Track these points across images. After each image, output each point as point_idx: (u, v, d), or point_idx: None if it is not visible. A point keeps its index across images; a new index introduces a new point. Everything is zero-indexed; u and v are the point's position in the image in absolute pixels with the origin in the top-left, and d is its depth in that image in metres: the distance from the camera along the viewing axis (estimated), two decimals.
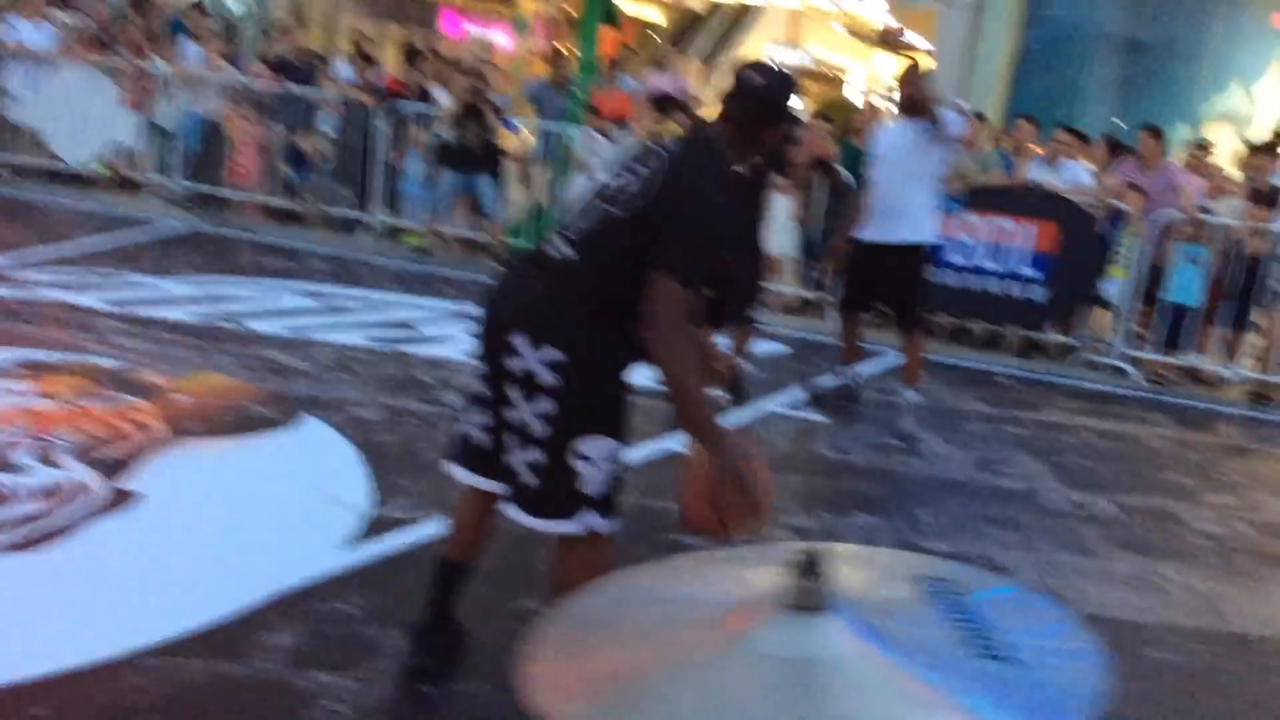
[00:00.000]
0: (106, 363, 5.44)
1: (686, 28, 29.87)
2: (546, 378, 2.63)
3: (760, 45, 31.76)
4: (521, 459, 2.70)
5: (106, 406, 4.86)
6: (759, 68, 2.96)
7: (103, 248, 8.10)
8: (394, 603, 3.37)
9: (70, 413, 4.72)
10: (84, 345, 5.67)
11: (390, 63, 11.58)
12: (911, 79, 5.63)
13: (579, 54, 9.79)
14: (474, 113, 9.17)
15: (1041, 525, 4.95)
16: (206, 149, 9.94)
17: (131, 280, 7.18)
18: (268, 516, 4.01)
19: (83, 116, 10.00)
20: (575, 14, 10.10)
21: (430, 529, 3.92)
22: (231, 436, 4.79)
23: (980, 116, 8.73)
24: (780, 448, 5.58)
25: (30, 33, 10.20)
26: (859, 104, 31.18)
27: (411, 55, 10.53)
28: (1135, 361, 8.17)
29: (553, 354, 2.62)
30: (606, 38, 10.80)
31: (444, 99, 9.63)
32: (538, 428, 2.66)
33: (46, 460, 4.18)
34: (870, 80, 41.35)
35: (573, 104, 9.59)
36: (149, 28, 10.70)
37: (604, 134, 9.17)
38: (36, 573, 3.39)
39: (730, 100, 2.87)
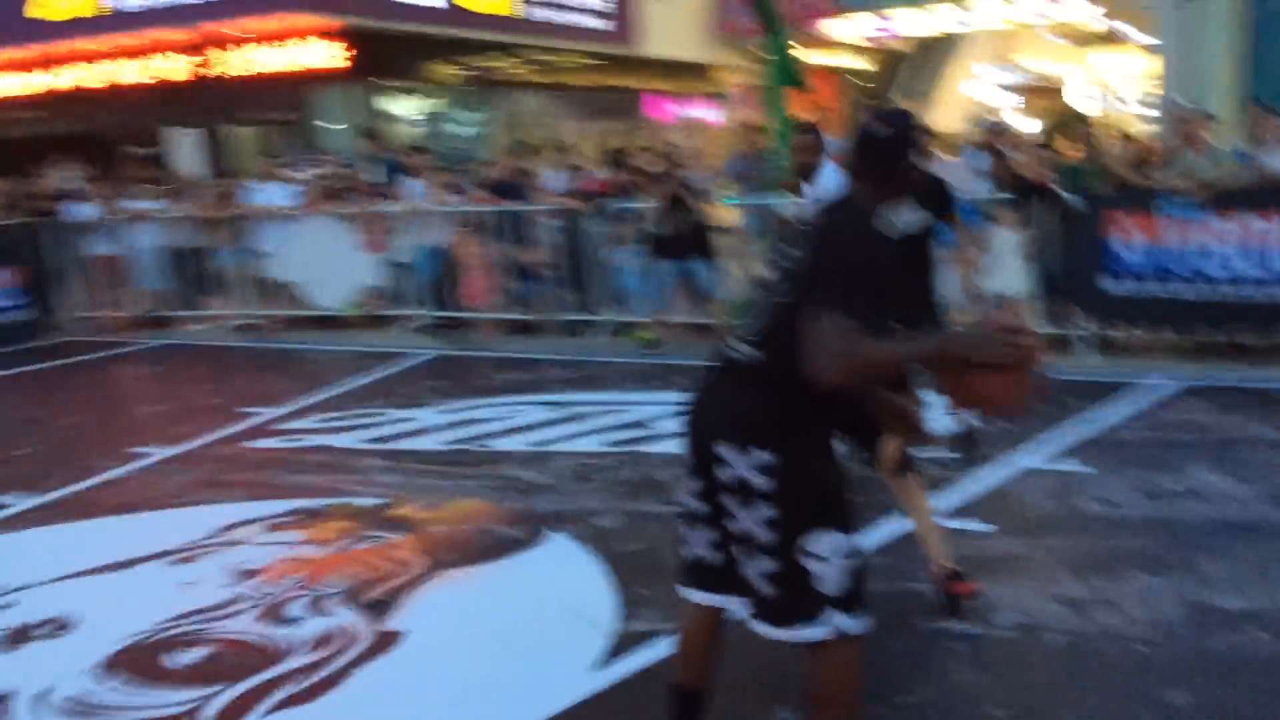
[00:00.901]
0: (367, 502, 5.75)
1: (891, 68, 29.48)
2: (759, 482, 2.62)
3: (969, 69, 30.94)
4: (754, 570, 2.68)
5: (369, 547, 5.12)
6: (881, 116, 2.92)
7: (361, 387, 8.63)
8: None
9: (336, 558, 4.99)
10: (346, 487, 6.01)
11: (596, 162, 11.90)
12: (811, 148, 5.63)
13: (771, 122, 9.77)
14: (677, 201, 9.29)
15: None
16: (440, 276, 10.48)
17: (389, 416, 7.59)
18: (520, 644, 4.08)
19: (329, 264, 10.77)
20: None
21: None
22: (482, 563, 4.93)
23: (1208, 115, 8.11)
24: (1039, 507, 5.26)
25: (273, 193, 11.12)
26: (1083, 109, 29.75)
27: (616, 157, 10.81)
28: None
29: (760, 456, 2.62)
30: (805, 97, 10.78)
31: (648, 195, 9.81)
32: (763, 535, 2.64)
33: (317, 609, 4.42)
34: (1093, 82, 39.47)
35: (775, 174, 9.56)
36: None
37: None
38: None
39: (858, 155, 2.86)
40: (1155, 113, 13.84)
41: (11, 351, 10.49)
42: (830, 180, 5.53)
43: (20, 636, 4.27)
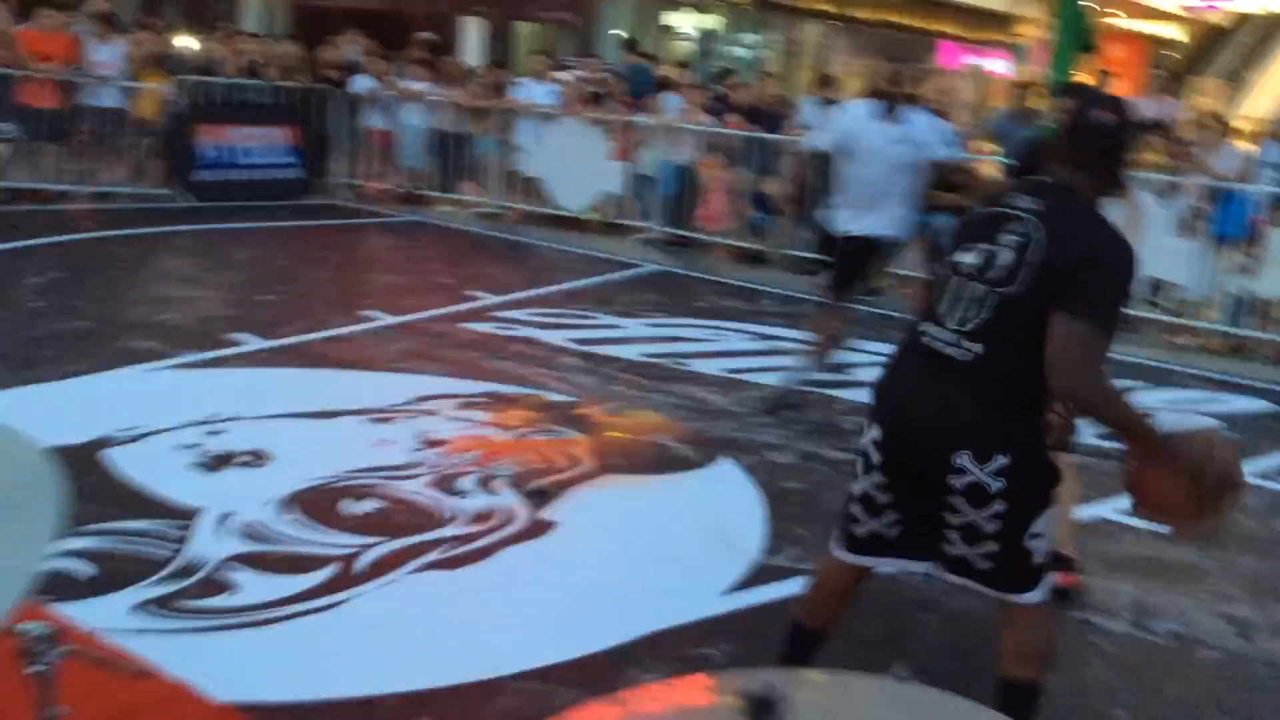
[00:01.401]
0: (557, 398, 5.98)
1: (1208, 44, 27.25)
2: (996, 485, 2.57)
3: None
4: (972, 553, 2.66)
5: (548, 439, 5.34)
6: (1101, 102, 2.75)
7: (581, 289, 8.90)
8: (760, 654, 3.40)
9: (515, 443, 5.24)
10: (543, 380, 6.27)
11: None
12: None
13: (1051, 81, 9.25)
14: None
15: None
16: (681, 195, 10.59)
17: (600, 320, 7.81)
18: (663, 556, 4.20)
19: (577, 166, 11.07)
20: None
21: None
22: (650, 474, 5.07)
23: None
24: (1235, 521, 4.92)
25: (537, 92, 11.47)
26: None
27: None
28: None
29: (999, 461, 2.56)
30: (1097, 61, 10.15)
31: None
32: (990, 527, 2.61)
33: (485, 486, 4.67)
34: None
35: (1039, 136, 9.11)
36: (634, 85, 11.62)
37: None
38: (448, 591, 3.80)
39: (1080, 143, 2.66)
40: None
41: (279, 206, 11.34)
42: None
43: (221, 461, 4.71)
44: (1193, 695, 3.52)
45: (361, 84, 12.04)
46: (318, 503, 4.35)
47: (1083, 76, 9.83)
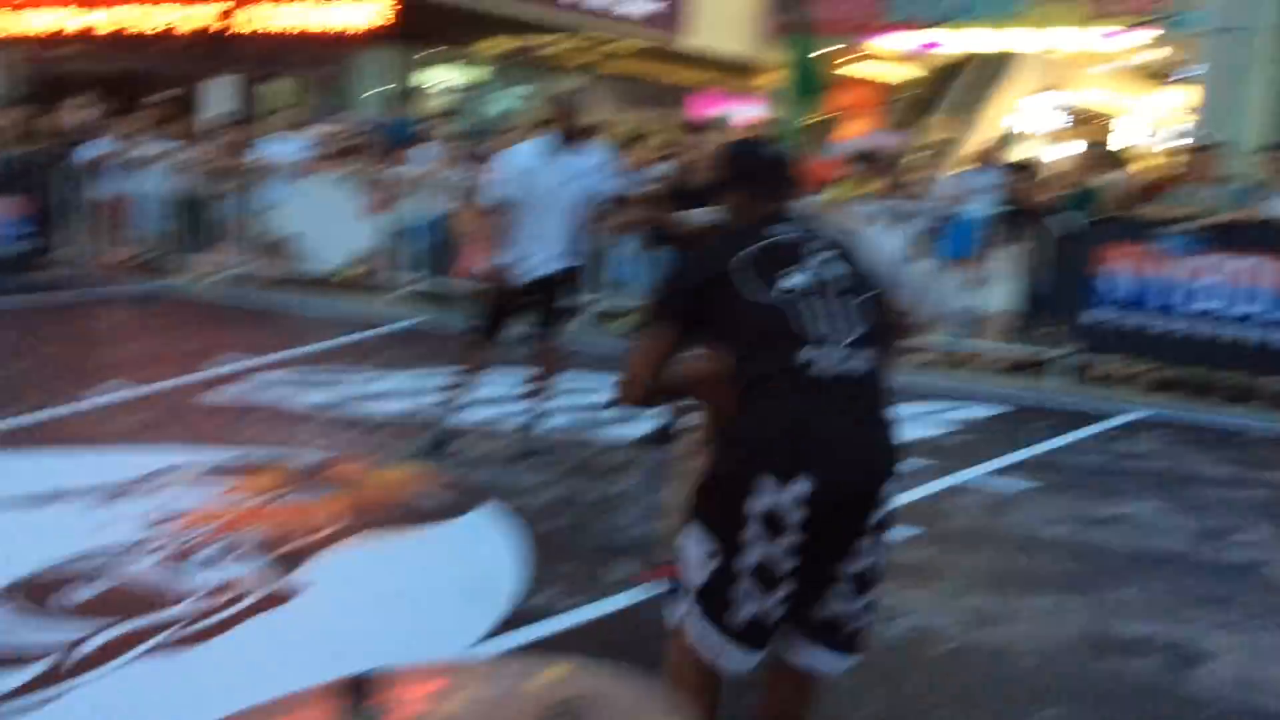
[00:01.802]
0: (308, 458, 5.77)
1: (940, 83, 29.24)
2: (894, 506, 2.46)
3: (1020, 94, 30.65)
4: (855, 606, 2.47)
5: (296, 502, 5.14)
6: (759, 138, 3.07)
7: (337, 348, 8.66)
8: None
9: (260, 510, 5.02)
10: (293, 443, 6.04)
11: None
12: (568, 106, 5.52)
13: (783, 121, 9.73)
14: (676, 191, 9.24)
15: (1260, 603, 4.36)
16: (441, 247, 10.49)
17: (356, 378, 7.62)
18: (417, 611, 4.10)
19: (331, 223, 10.81)
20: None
21: (572, 619, 3.91)
22: (406, 527, 4.94)
23: (1217, 148, 7.95)
24: (969, 519, 5.22)
25: (284, 148, 11.17)
26: (1131, 144, 29.50)
27: (630, 142, 10.76)
28: None
29: (899, 478, 2.46)
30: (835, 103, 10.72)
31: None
32: (882, 562, 2.47)
33: (223, 558, 4.45)
34: (1150, 119, 39.07)
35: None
36: (387, 138, 11.49)
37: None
38: (180, 673, 3.58)
39: (777, 173, 2.84)
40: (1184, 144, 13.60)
41: (8, 283, 10.60)
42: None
43: None
44: (931, 688, 3.67)
45: (96, 148, 11.44)
46: (32, 594, 4.03)
47: (815, 118, 10.38)
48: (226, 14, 16.62)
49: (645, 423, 6.17)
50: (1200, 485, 5.90)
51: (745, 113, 23.21)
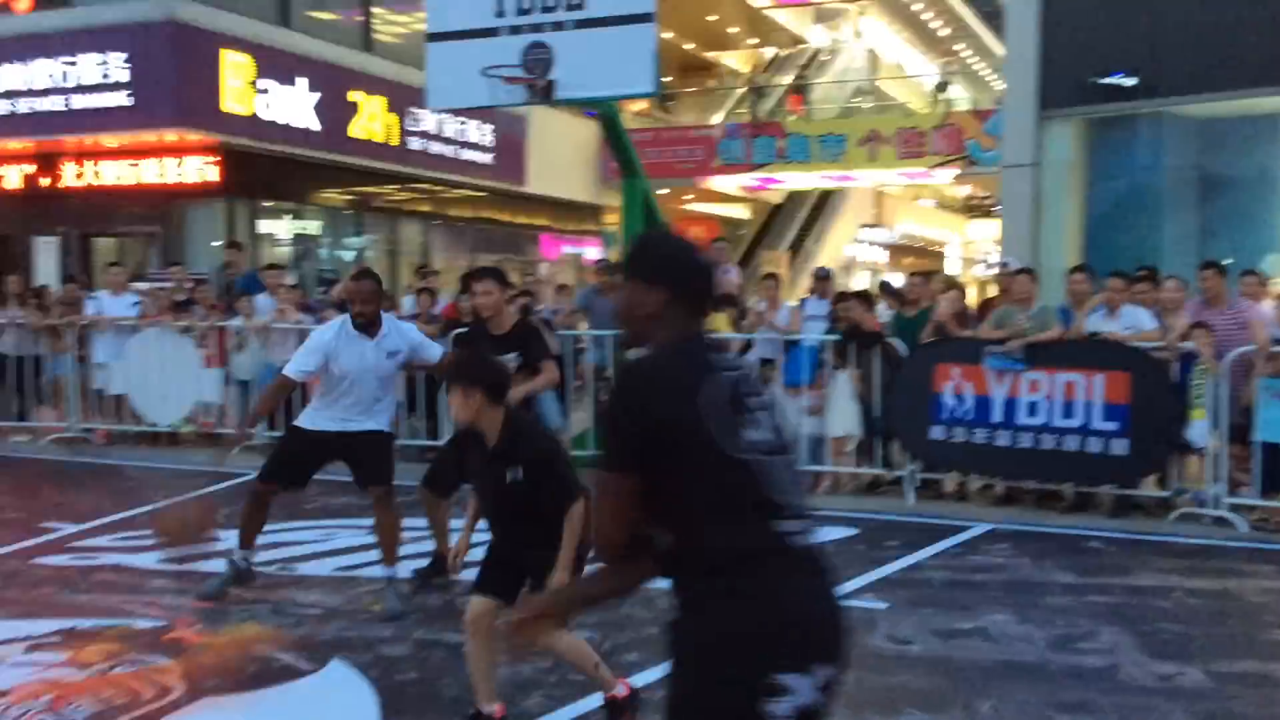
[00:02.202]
0: (144, 624, 5.45)
1: (770, 219, 30.52)
2: None
3: (850, 228, 32.22)
4: None
5: (134, 670, 4.83)
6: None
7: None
8: None
9: (93, 681, 4.69)
10: (129, 608, 5.71)
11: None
12: (369, 297, 5.78)
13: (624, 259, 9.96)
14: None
15: (1121, 705, 4.47)
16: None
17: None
18: None
19: (166, 378, 10.46)
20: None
21: None
22: (252, 690, 4.69)
23: (1031, 273, 8.48)
24: None
25: (112, 304, 10.83)
26: (954, 272, 31.18)
27: (466, 282, 10.83)
28: (1236, 509, 7.57)
29: None
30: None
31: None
32: None
33: None
34: (966, 247, 41.56)
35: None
36: (225, 288, 11.27)
37: None
38: None
39: (704, 286, 2.45)
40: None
41: None
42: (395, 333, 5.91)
43: None
44: None
45: None
46: None
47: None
48: (51, 170, 16.20)
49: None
50: (1049, 593, 6.08)
51: (591, 251, 23.80)
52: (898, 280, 12.85)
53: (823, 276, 10.03)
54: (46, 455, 10.47)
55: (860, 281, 27.48)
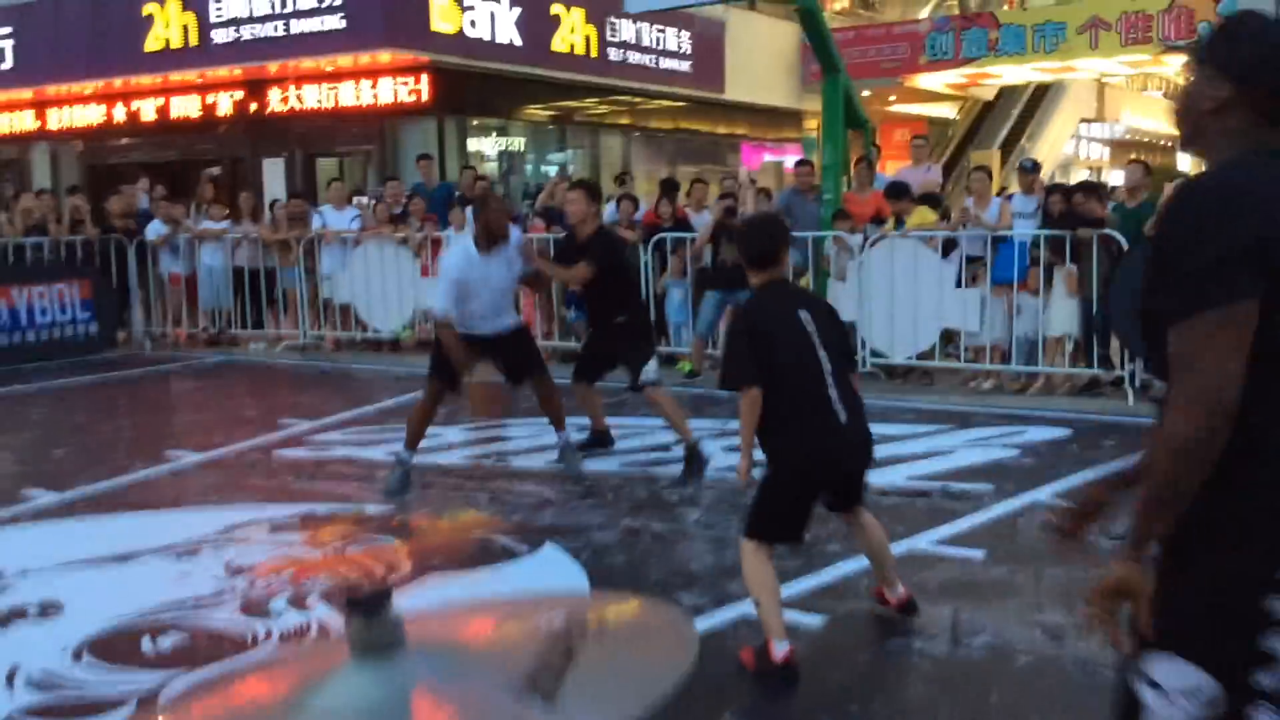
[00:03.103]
0: (375, 510, 5.83)
1: (980, 119, 29.26)
2: None
3: (1069, 124, 30.55)
4: None
5: (365, 550, 5.19)
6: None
7: (400, 406, 8.74)
8: None
9: (330, 559, 5.07)
10: (360, 496, 6.12)
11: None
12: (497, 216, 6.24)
13: (824, 159, 9.79)
14: (729, 231, 9.27)
15: None
16: None
17: None
18: None
19: (387, 287, 11.00)
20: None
21: None
22: (470, 569, 4.96)
23: None
24: (1034, 541, 5.12)
25: (337, 218, 11.41)
26: (1185, 169, 29.33)
27: (667, 189, 10.87)
28: None
29: None
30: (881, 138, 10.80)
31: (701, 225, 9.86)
32: None
33: (296, 604, 4.49)
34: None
35: (822, 210, 9.56)
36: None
37: (856, 235, 9.05)
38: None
39: None
40: None
41: (76, 363, 10.89)
42: None
43: (10, 617, 4.41)
44: (1010, 701, 3.60)
45: (154, 229, 11.76)
46: (115, 645, 4.10)
47: (859, 156, 10.40)
48: (271, 95, 17.08)
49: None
50: None
51: (791, 160, 23.49)
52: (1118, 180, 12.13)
53: (1028, 169, 9.48)
54: (282, 360, 11.22)
55: (1081, 176, 26.08)
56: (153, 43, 16.53)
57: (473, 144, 18.48)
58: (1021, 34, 21.20)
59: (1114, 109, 33.06)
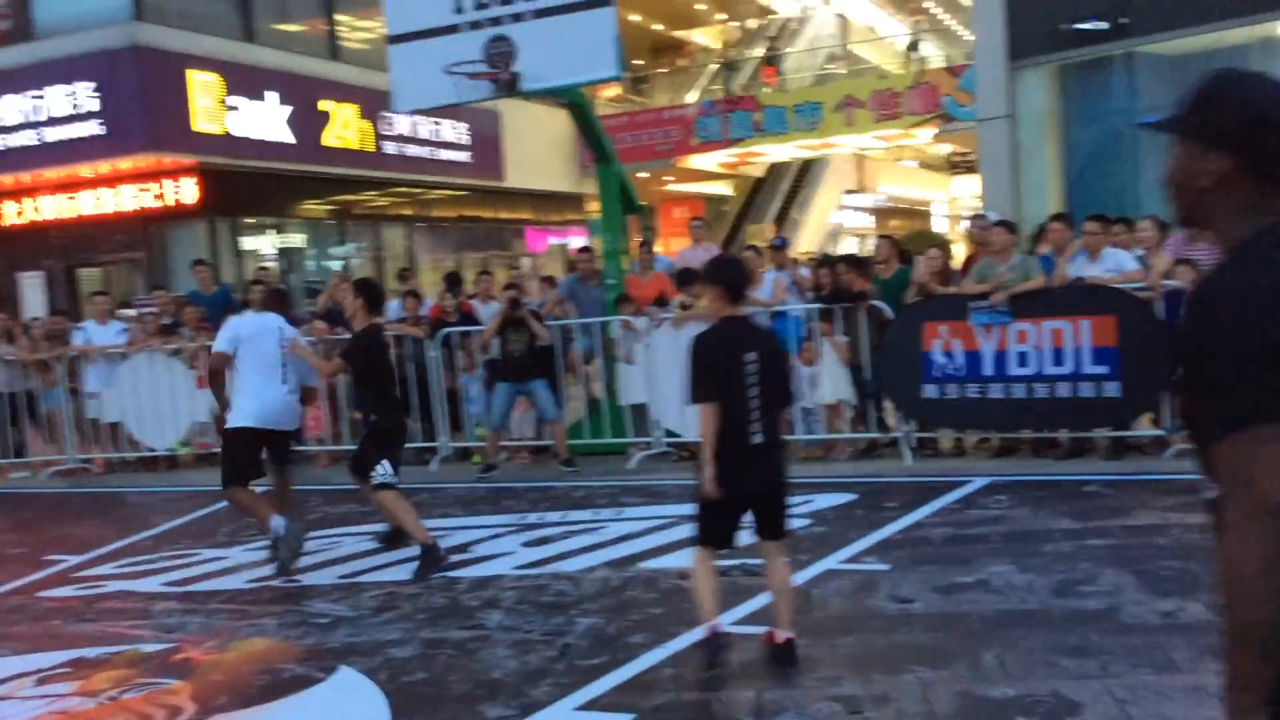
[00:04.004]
0: (154, 647, 5.47)
1: (753, 193, 30.49)
2: None
3: (834, 195, 32.15)
4: None
5: (144, 694, 4.85)
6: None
7: (179, 527, 8.32)
8: None
9: (105, 708, 4.71)
10: (136, 634, 5.73)
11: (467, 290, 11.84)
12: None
13: (604, 245, 9.97)
14: (515, 323, 9.27)
15: (1124, 645, 4.50)
16: None
17: (201, 556, 7.30)
18: None
19: (159, 401, 10.48)
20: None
21: None
22: (262, 704, 4.70)
23: (1009, 225, 8.48)
24: (831, 607, 5.26)
25: (100, 333, 10.83)
26: (942, 230, 31.11)
27: (452, 283, 10.83)
28: None
29: None
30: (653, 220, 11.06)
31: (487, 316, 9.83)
32: None
33: None
34: (951, 204, 41.51)
35: (605, 295, 9.71)
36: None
37: (641, 318, 9.21)
38: None
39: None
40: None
41: None
42: None
43: None
44: None
45: None
46: None
47: (637, 238, 10.65)
48: (29, 205, 16.18)
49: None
50: (1049, 541, 6.10)
51: (577, 240, 23.82)
52: (878, 243, 12.80)
53: (778, 246, 10.09)
54: (47, 488, 10.49)
55: (848, 247, 27.47)
56: None
57: (248, 243, 17.95)
58: (782, 114, 22.33)
59: (874, 179, 35.06)
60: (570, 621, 5.33)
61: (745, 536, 4.77)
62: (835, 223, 32.05)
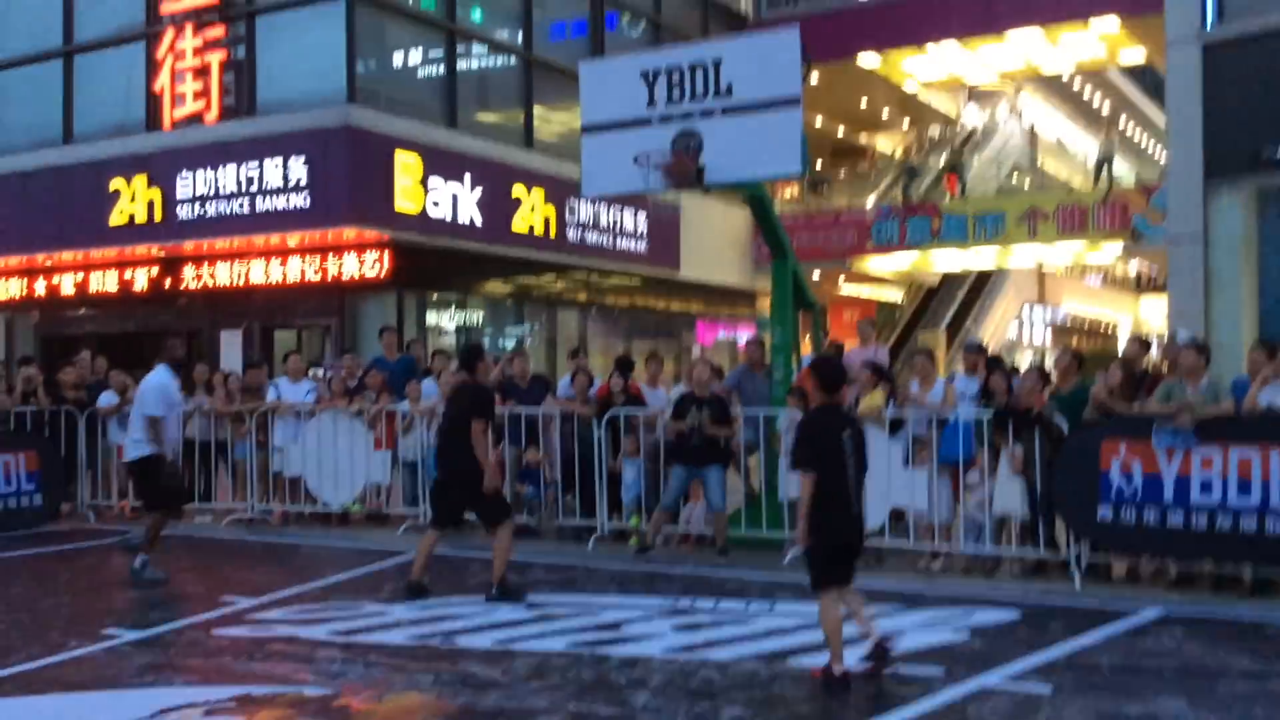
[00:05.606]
0: (315, 692, 5.68)
1: (925, 300, 30.18)
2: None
3: (1012, 307, 31.52)
4: None
5: None
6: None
7: (345, 581, 8.63)
8: None
9: None
10: (298, 677, 5.96)
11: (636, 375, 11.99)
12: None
13: (774, 338, 10.03)
14: (698, 402, 9.31)
15: None
16: None
17: (364, 610, 7.56)
18: None
19: (339, 461, 10.96)
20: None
21: None
22: None
23: (1200, 346, 8.17)
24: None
25: (291, 390, 11.45)
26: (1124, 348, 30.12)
27: (622, 365, 11.03)
28: None
29: None
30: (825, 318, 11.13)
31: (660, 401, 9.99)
32: None
33: None
34: (1139, 326, 40.07)
35: (774, 388, 9.73)
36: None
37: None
38: None
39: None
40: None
41: (18, 536, 10.67)
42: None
43: None
44: None
45: (105, 399, 11.71)
46: None
47: (807, 335, 10.69)
48: (236, 268, 17.31)
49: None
50: (1224, 680, 5.77)
51: (744, 335, 23.96)
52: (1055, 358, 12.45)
53: (974, 349, 9.73)
54: (227, 535, 11.05)
55: (1024, 362, 26.78)
56: (117, 217, 16.82)
57: (431, 318, 18.73)
58: (962, 222, 22.11)
59: (1055, 294, 34.24)
60: (715, 710, 5.30)
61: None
62: (1012, 337, 31.39)
